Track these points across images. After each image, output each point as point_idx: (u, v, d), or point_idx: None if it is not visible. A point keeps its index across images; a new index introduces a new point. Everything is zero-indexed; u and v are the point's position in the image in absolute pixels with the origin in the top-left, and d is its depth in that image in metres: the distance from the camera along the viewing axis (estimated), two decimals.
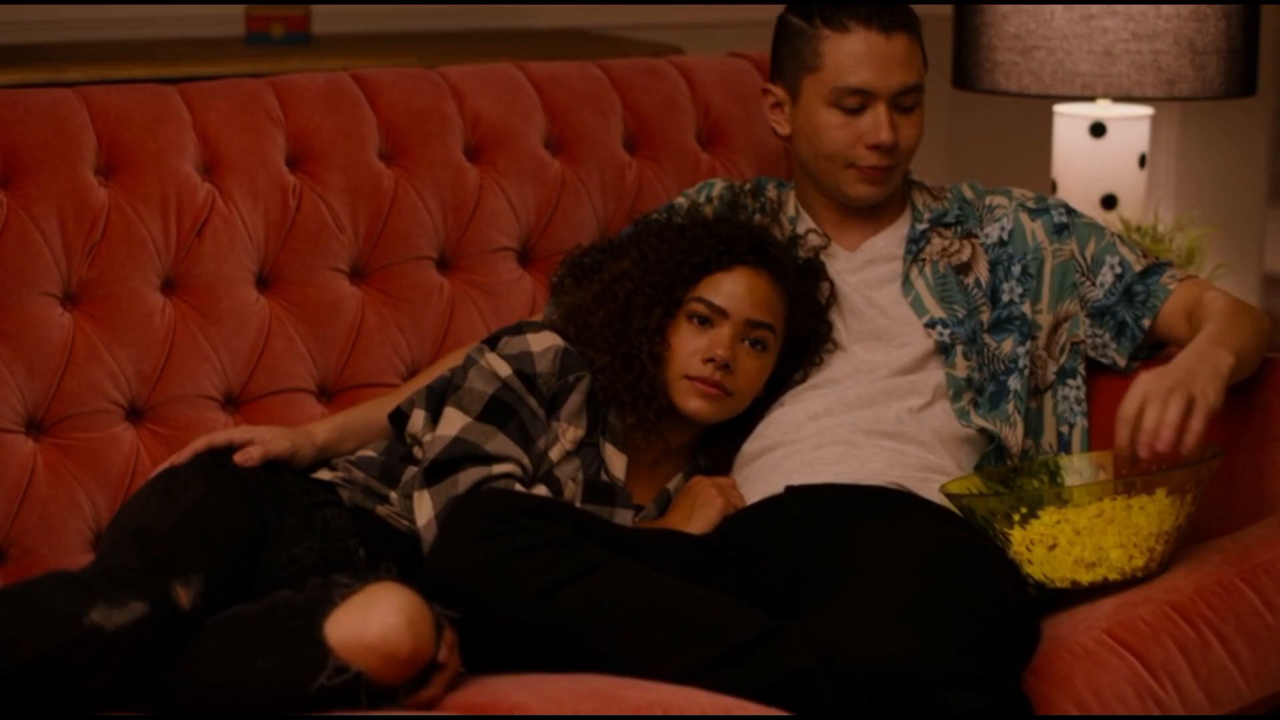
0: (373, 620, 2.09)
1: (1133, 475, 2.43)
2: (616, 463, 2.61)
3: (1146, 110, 3.52)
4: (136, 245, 2.70)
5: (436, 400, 2.60)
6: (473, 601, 2.21)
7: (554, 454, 2.57)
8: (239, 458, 2.51)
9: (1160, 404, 2.39)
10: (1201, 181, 4.23)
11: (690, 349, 2.62)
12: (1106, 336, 2.76)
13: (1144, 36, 3.28)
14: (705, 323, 2.63)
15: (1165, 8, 3.27)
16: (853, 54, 2.69)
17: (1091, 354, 2.77)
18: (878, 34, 2.69)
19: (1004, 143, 4.16)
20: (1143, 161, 3.51)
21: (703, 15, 4.26)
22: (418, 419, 2.60)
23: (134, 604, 2.10)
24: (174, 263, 2.72)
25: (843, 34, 2.70)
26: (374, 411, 2.69)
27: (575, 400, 2.59)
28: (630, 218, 3.00)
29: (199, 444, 2.53)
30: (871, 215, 2.81)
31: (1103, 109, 3.50)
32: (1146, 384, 2.42)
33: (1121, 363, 2.75)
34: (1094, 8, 3.28)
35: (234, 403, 2.75)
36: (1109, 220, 3.40)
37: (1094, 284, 2.76)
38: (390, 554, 2.44)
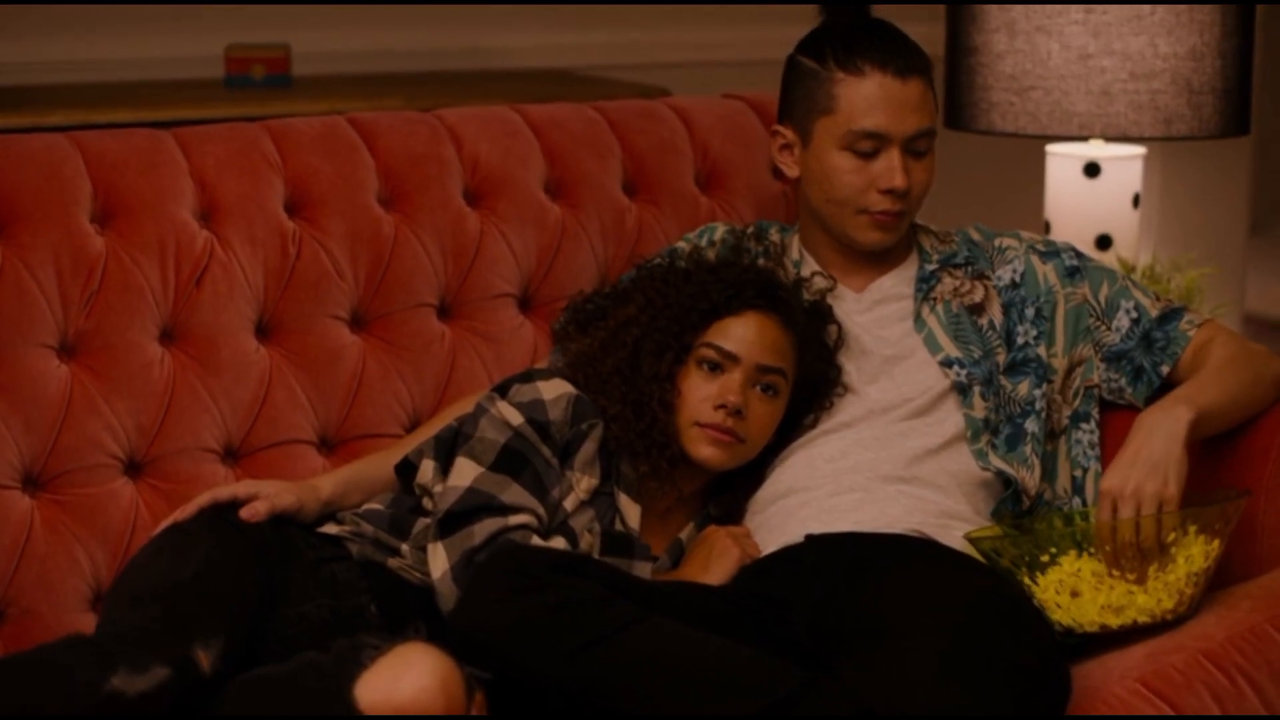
0: (404, 682, 2.02)
1: (1154, 515, 2.42)
2: (631, 512, 2.56)
3: (1139, 150, 3.51)
4: (135, 295, 2.63)
5: (446, 450, 2.54)
6: (502, 661, 2.15)
7: (568, 504, 2.52)
8: (245, 513, 2.44)
9: (1131, 508, 2.41)
10: (1184, 221, 4.23)
11: (701, 395, 2.57)
12: (1123, 381, 2.73)
13: (1141, 76, 3.26)
14: (716, 368, 2.58)
15: (1163, 47, 3.25)
16: (867, 98, 2.65)
17: (1108, 397, 2.74)
18: (893, 78, 2.65)
19: (995, 183, 4.14)
20: (1136, 201, 3.49)
21: (683, 55, 4.23)
22: (427, 469, 2.54)
23: (156, 668, 2.03)
24: (173, 312, 2.66)
25: (858, 78, 2.66)
26: (378, 464, 2.63)
27: (589, 448, 2.54)
28: (631, 263, 2.95)
29: (203, 499, 2.46)
30: (879, 258, 2.77)
31: (1095, 149, 3.48)
32: (1111, 491, 2.43)
33: (1140, 405, 2.72)
34: (1091, 47, 3.26)
35: (234, 455, 2.68)
36: (1106, 261, 3.38)
37: (1109, 328, 2.73)
38: (403, 608, 2.38)
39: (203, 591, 2.22)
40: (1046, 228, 3.51)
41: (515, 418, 2.51)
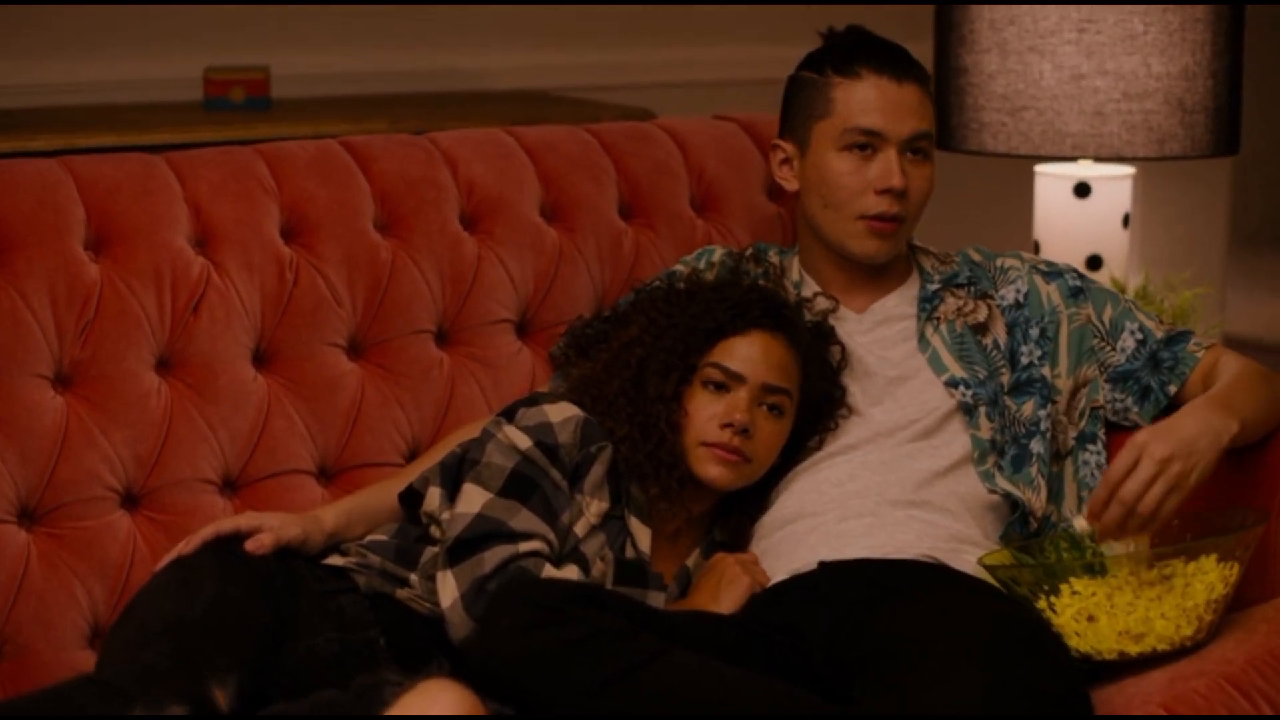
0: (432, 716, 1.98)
1: (1173, 547, 2.40)
2: (642, 536, 2.53)
3: (1129, 170, 3.50)
4: (131, 323, 2.57)
5: (452, 476, 2.50)
6: (522, 696, 2.11)
7: (579, 529, 2.48)
8: (251, 545, 2.39)
9: (1150, 471, 2.38)
10: (1167, 241, 4.22)
11: (707, 415, 2.55)
12: (1129, 401, 2.71)
13: (1134, 96, 3.25)
14: (721, 388, 2.56)
15: (1156, 67, 3.24)
16: (864, 99, 2.67)
17: (1112, 418, 2.73)
18: (889, 81, 2.67)
19: (984, 203, 4.13)
20: (1126, 221, 3.48)
21: (663, 76, 4.19)
22: (434, 497, 2.50)
23: (173, 708, 1.98)
24: (169, 341, 2.60)
25: (854, 80, 2.68)
26: (380, 494, 2.59)
27: (598, 471, 2.50)
28: (628, 286, 2.91)
29: (206, 532, 2.41)
30: (880, 277, 2.76)
31: (1085, 169, 3.46)
32: (1143, 445, 2.40)
33: (1145, 424, 2.70)
34: (1084, 68, 3.24)
35: (233, 486, 2.63)
36: (1100, 281, 3.36)
37: (1114, 349, 2.72)
38: (413, 640, 2.35)
39: (214, 627, 2.17)
40: (1036, 248, 3.49)
41: (523, 441, 2.48)
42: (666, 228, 2.99)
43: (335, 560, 2.48)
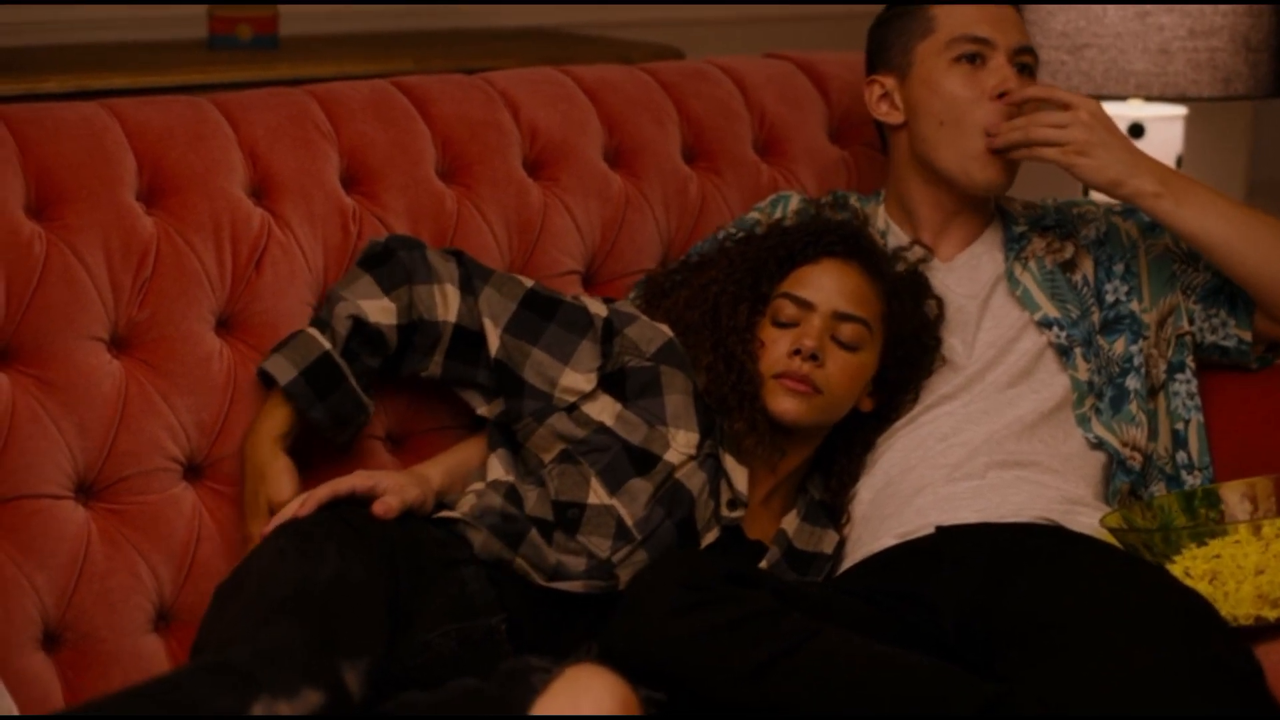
0: (584, 707, 1.81)
1: None
2: (738, 475, 2.41)
3: (1182, 110, 3.38)
4: (190, 280, 2.38)
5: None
6: (675, 680, 1.97)
7: (672, 458, 2.36)
8: (380, 510, 2.22)
9: (1070, 114, 2.48)
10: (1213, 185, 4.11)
11: (779, 348, 2.43)
12: (1223, 314, 2.62)
13: (1201, 34, 3.12)
14: (794, 321, 2.45)
15: (1223, 5, 3.11)
16: (966, 12, 2.61)
17: (1211, 338, 2.63)
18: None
19: None
20: (1179, 163, 3.36)
21: (679, 13, 4.02)
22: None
23: (307, 693, 1.77)
24: (230, 299, 2.41)
25: (954, 3, 2.60)
26: (472, 451, 2.44)
27: (678, 401, 2.38)
28: (694, 235, 2.77)
29: (322, 494, 2.22)
30: (968, 219, 2.66)
31: (1136, 109, 3.34)
32: (1092, 104, 2.50)
33: (1248, 336, 2.61)
34: (1149, 4, 3.12)
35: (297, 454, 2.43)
36: None
37: (1196, 269, 2.63)
38: (533, 620, 2.20)
39: (340, 604, 1.96)
40: (1085, 190, 3.37)
41: (600, 308, 2.45)
42: (731, 172, 2.84)
43: (448, 512, 2.32)
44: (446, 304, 2.39)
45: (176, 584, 2.32)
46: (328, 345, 2.34)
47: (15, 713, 1.97)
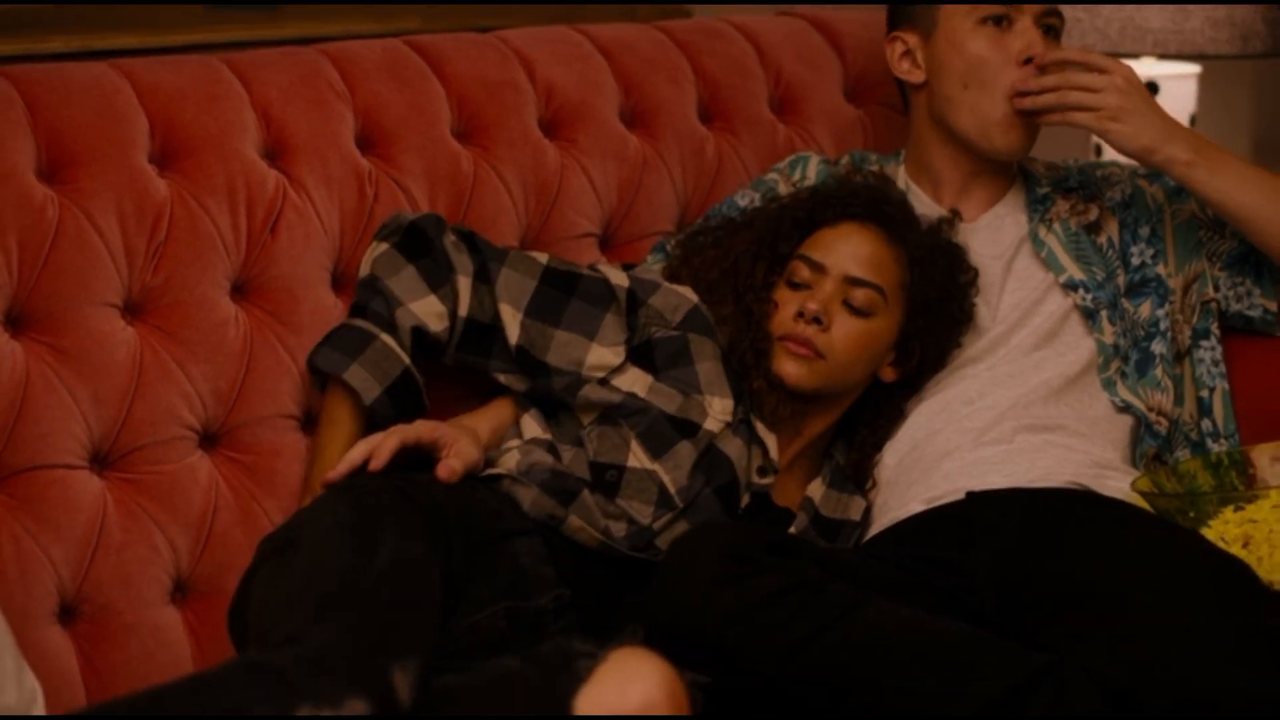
0: (631, 695, 1.76)
1: None
2: (770, 441, 2.38)
3: (1195, 68, 3.33)
4: (205, 244, 2.32)
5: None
6: (720, 655, 1.93)
7: (711, 425, 2.32)
8: (444, 474, 2.18)
9: (1107, 78, 2.46)
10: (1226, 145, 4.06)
11: (788, 309, 2.39)
12: (1249, 283, 2.59)
13: None
14: (806, 287, 2.41)
15: None
16: None
17: (1236, 306, 2.59)
18: None
19: None
20: (1193, 122, 3.32)
21: None
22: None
23: (351, 702, 1.70)
24: (245, 264, 2.36)
25: None
26: (504, 408, 2.40)
27: (709, 368, 2.35)
28: (711, 197, 2.72)
29: (392, 443, 2.18)
30: (990, 180, 2.61)
31: (1149, 67, 3.30)
32: (1129, 69, 2.47)
33: (1273, 306, 2.58)
34: None
35: (317, 423, 2.38)
36: None
37: (1223, 236, 2.59)
38: (580, 586, 2.17)
39: (396, 597, 1.87)
40: (1097, 151, 3.33)
41: (621, 279, 2.39)
42: (747, 132, 2.79)
43: (494, 469, 2.27)
44: (460, 297, 2.34)
45: (194, 555, 2.27)
46: (407, 361, 2.30)
47: (39, 691, 1.92)
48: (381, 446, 2.17)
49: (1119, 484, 2.38)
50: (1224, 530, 2.28)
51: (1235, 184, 2.48)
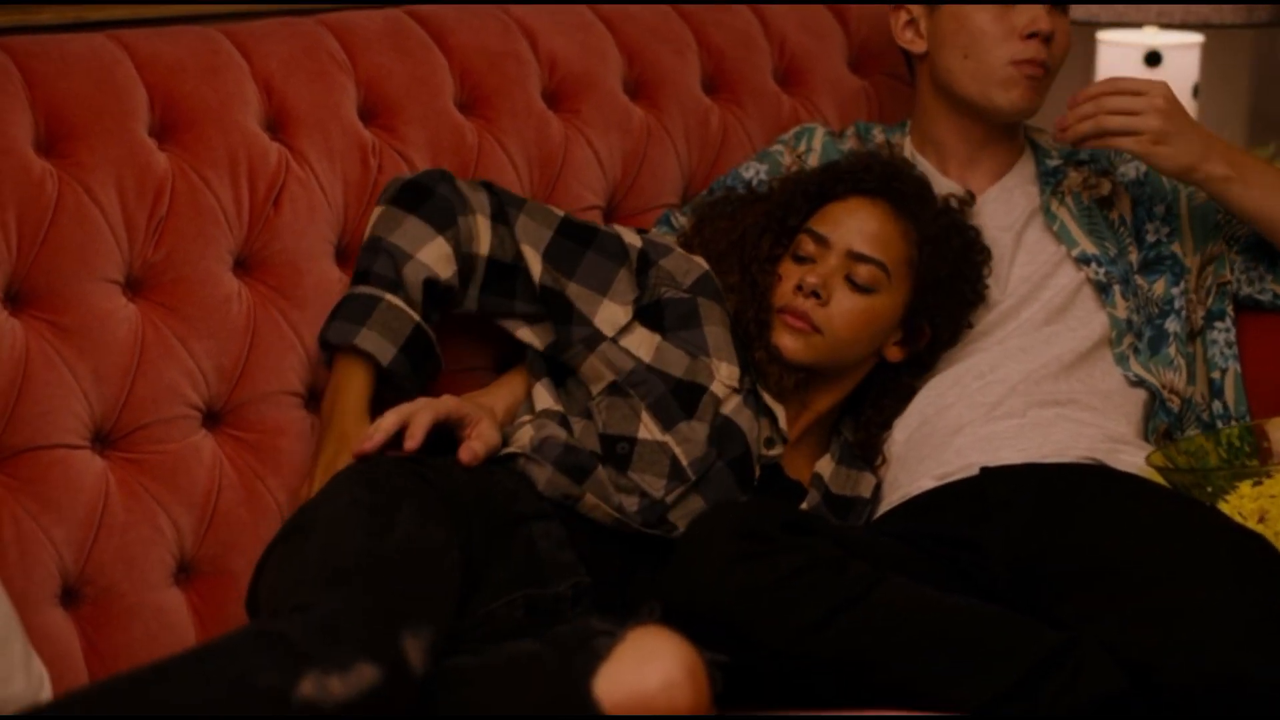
0: (651, 674, 1.74)
1: None
2: (779, 411, 2.35)
3: (1198, 38, 3.30)
4: (207, 219, 2.28)
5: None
6: (738, 635, 1.90)
7: (717, 390, 2.30)
8: (466, 457, 2.15)
9: (1143, 100, 2.40)
10: (1231, 115, 4.03)
11: (789, 282, 2.37)
12: (1262, 269, 2.56)
13: None
14: (810, 260, 2.38)
15: None
16: None
17: (1248, 290, 2.57)
18: None
19: None
20: (1196, 92, 3.30)
21: None
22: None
23: (361, 667, 1.68)
24: (248, 238, 2.32)
25: None
26: (517, 382, 2.37)
27: (717, 333, 2.32)
28: (716, 169, 2.69)
29: (425, 420, 2.14)
30: (1001, 147, 2.58)
31: (1152, 36, 3.27)
32: (1164, 87, 2.43)
33: None
34: None
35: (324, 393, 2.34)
36: None
37: (1241, 221, 2.55)
38: (596, 565, 2.14)
39: (410, 569, 1.86)
40: None
41: (634, 239, 2.37)
42: (752, 104, 2.76)
43: (511, 448, 2.24)
44: (478, 237, 2.31)
45: (198, 535, 2.23)
46: (417, 317, 2.26)
47: (45, 678, 1.89)
48: (415, 424, 2.14)
49: (1132, 458, 2.36)
50: (1240, 505, 2.25)
51: (1268, 194, 2.45)
